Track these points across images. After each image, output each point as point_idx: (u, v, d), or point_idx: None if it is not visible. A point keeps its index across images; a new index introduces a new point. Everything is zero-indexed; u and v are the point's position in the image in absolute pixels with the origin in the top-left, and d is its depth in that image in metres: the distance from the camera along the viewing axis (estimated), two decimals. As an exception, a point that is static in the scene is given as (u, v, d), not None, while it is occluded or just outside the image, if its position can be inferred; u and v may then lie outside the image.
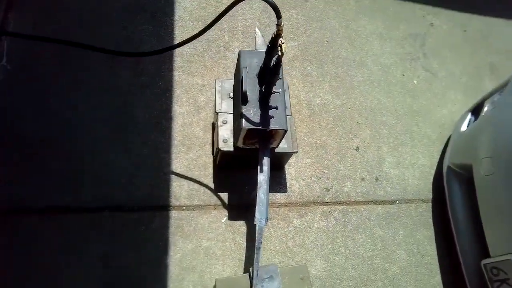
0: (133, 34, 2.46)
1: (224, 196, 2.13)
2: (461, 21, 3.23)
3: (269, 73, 1.58)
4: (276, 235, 2.09)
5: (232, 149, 1.94)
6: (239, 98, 1.77)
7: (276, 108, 1.75)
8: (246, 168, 2.14)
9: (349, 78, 2.70)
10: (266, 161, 1.81)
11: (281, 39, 1.48)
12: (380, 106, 2.65)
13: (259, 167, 1.80)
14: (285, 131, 1.75)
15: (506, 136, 1.82)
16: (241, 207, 2.11)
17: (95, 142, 2.09)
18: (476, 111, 2.31)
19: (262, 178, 1.78)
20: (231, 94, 2.07)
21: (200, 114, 2.32)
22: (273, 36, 1.52)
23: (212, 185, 2.14)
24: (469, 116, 2.36)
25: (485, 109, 2.17)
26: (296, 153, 2.03)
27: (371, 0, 3.09)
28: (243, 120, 1.71)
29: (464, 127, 2.31)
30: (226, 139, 1.96)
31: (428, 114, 2.71)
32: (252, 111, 1.73)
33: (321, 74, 2.66)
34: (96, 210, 1.95)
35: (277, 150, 1.99)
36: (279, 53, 1.43)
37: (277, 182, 2.23)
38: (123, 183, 2.04)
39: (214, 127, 2.17)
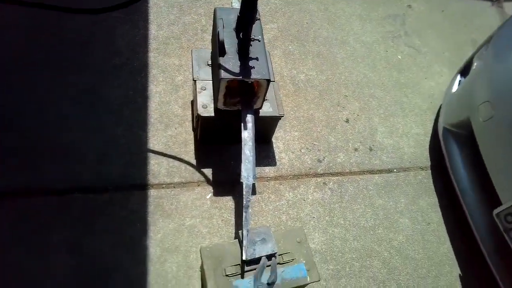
0: (105, 21, 2.36)
1: (208, 172, 1.95)
2: (438, 3, 3.25)
3: (246, 11, 1.46)
4: (267, 209, 1.90)
5: (213, 114, 1.79)
6: (217, 53, 1.64)
7: (257, 59, 1.63)
8: (230, 141, 1.98)
9: (332, 55, 2.63)
10: (250, 118, 1.66)
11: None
12: (366, 80, 2.56)
13: (242, 124, 1.65)
14: (268, 81, 1.61)
15: (501, 75, 1.73)
16: (227, 183, 1.93)
17: (62, 120, 1.91)
18: (465, 71, 2.24)
19: (247, 135, 1.62)
20: (209, 62, 1.95)
21: (178, 93, 2.19)
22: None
23: (194, 162, 1.96)
24: (458, 77, 2.28)
25: (475, 64, 2.10)
26: (282, 116, 1.89)
27: (347, -14, 3.09)
28: (222, 71, 1.57)
29: (455, 88, 2.22)
30: (206, 104, 1.82)
31: (416, 86, 2.63)
32: (231, 62, 1.60)
33: (303, 52, 2.59)
34: (64, 192, 1.74)
35: (262, 114, 1.85)
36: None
37: (265, 156, 2.07)
38: (95, 162, 1.85)
39: (193, 102, 2.03)
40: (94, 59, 2.17)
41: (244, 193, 1.52)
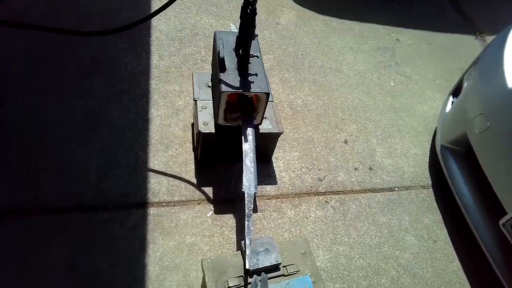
0: (110, 51, 2.47)
1: (209, 190, 1.93)
2: (424, 37, 3.43)
3: (245, 27, 1.55)
4: (269, 227, 1.86)
5: (213, 130, 1.82)
6: (217, 69, 1.71)
7: (256, 74, 1.69)
8: (230, 160, 2.00)
9: (327, 83, 2.72)
10: (250, 131, 1.68)
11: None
12: (362, 104, 2.63)
13: (243, 137, 1.67)
14: (268, 94, 1.66)
15: (492, 88, 1.80)
16: (227, 201, 1.91)
17: (64, 142, 1.93)
18: (456, 92, 2.32)
19: (247, 147, 1.64)
20: (209, 84, 2.02)
21: (178, 116, 2.23)
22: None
23: (194, 181, 1.96)
24: (451, 98, 2.35)
25: (465, 84, 2.18)
26: (282, 133, 1.91)
27: (338, 22, 3.28)
28: (222, 85, 1.62)
29: (448, 108, 2.29)
30: (207, 122, 1.85)
31: (410, 110, 2.69)
32: (231, 77, 1.66)
33: (299, 80, 2.68)
34: (63, 210, 1.71)
35: (262, 131, 1.88)
36: (253, -4, 1.42)
37: (266, 175, 2.06)
38: (95, 181, 1.83)
39: (194, 123, 2.07)
40: (98, 85, 2.24)
41: (245, 202, 1.50)
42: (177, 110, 2.26)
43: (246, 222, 1.44)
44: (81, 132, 1.99)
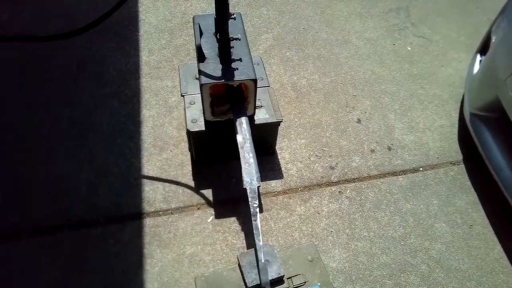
0: (97, 53, 2.33)
1: (208, 193, 1.77)
2: (443, -10, 3.04)
3: (218, 9, 1.33)
4: (277, 227, 1.67)
5: (203, 128, 1.63)
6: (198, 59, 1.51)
7: (240, 60, 1.48)
8: (228, 157, 1.81)
9: (334, 57, 2.45)
10: (243, 120, 1.49)
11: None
12: (375, 77, 2.35)
13: (235, 130, 1.48)
14: (255, 81, 1.45)
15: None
16: (229, 203, 1.73)
17: (50, 154, 1.83)
18: (484, 49, 1.99)
19: (241, 138, 1.45)
20: (197, 76, 1.82)
21: (172, 114, 2.06)
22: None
23: (192, 184, 1.79)
24: (478, 57, 2.03)
25: (494, 38, 1.85)
26: (281, 121, 1.70)
27: (343, -13, 2.96)
28: (202, 77, 1.43)
29: (476, 69, 1.97)
30: (196, 119, 1.67)
31: (432, 76, 2.38)
32: (211, 66, 1.46)
33: (302, 57, 2.43)
34: (53, 229, 1.61)
35: (258, 121, 1.68)
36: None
37: (270, 169, 1.87)
38: (85, 195, 1.72)
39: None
40: (85, 91, 2.11)
41: (249, 199, 1.31)
42: (170, 108, 2.09)
43: (253, 222, 1.26)
44: (70, 143, 1.88)
